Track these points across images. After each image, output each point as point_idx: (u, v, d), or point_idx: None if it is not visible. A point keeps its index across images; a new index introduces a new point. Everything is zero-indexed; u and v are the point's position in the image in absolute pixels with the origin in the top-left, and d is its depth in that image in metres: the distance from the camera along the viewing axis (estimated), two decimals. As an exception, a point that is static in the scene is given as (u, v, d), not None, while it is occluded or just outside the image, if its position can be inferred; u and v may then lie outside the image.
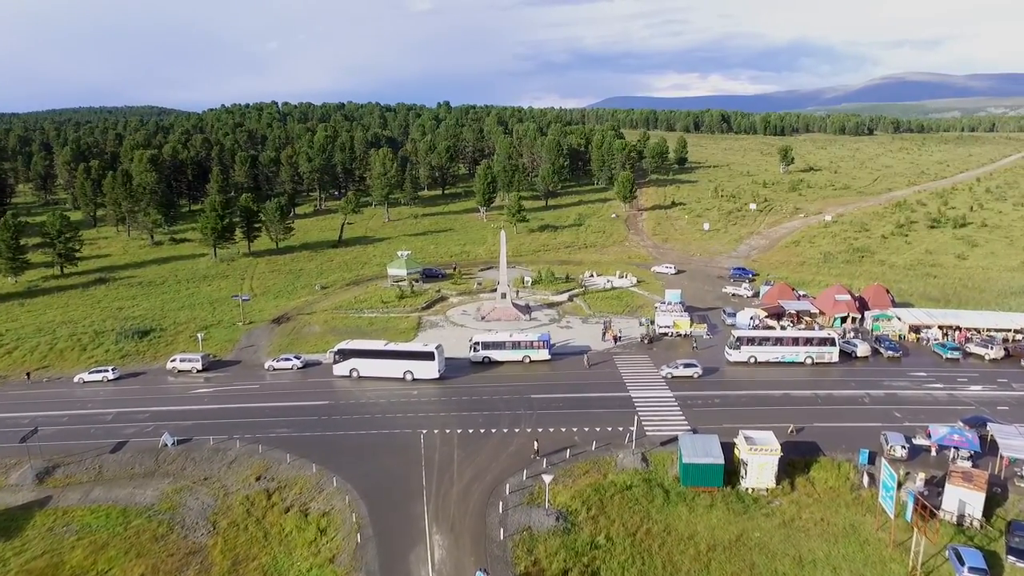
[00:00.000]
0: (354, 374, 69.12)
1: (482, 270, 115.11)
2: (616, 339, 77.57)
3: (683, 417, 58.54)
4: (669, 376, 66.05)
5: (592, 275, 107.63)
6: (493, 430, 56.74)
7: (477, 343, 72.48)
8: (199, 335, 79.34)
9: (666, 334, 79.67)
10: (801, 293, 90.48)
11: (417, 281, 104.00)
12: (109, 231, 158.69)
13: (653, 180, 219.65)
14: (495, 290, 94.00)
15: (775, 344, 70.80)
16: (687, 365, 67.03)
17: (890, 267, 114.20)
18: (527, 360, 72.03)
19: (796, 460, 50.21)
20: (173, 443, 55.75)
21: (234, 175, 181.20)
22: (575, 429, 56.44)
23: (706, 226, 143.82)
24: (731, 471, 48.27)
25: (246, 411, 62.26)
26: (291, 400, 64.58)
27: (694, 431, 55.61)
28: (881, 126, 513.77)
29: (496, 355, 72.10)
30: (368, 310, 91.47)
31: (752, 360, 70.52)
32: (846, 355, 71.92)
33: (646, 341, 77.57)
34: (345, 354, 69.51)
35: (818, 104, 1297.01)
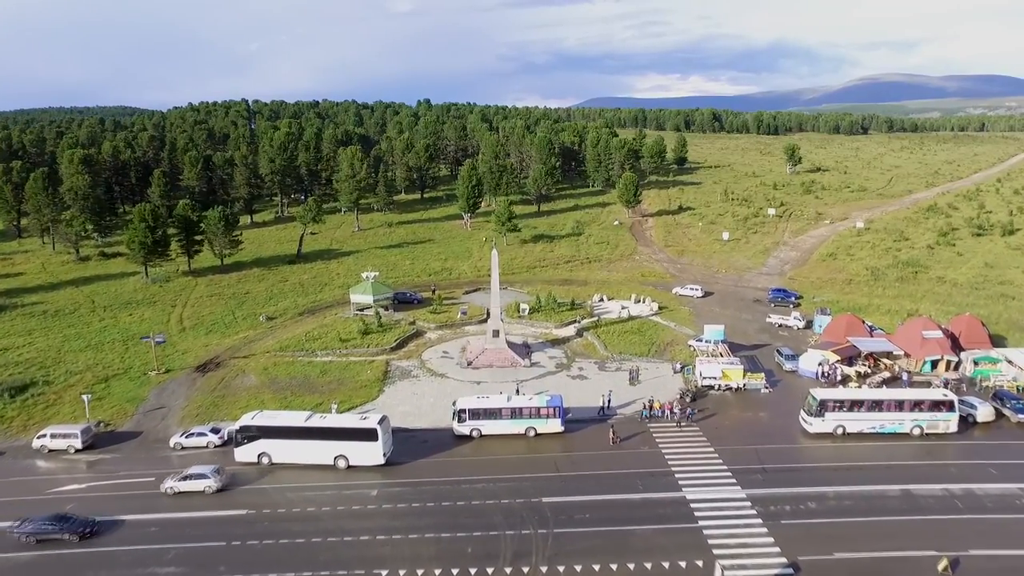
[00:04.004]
0: (264, 460, 49.10)
1: (467, 292, 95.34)
2: (681, 420, 54.03)
3: (771, 539, 39.35)
4: (171, 491, 45.43)
5: (602, 299, 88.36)
6: (490, 569, 37.15)
7: (463, 411, 52.70)
8: (85, 397, 58.61)
9: (712, 387, 60.59)
10: (869, 325, 71.81)
11: (386, 309, 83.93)
12: (33, 243, 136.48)
13: (653, 182, 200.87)
14: (484, 320, 74.71)
15: (872, 409, 51.94)
16: (196, 476, 45.63)
17: (952, 285, 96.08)
18: (532, 433, 52.54)
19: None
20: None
21: (184, 178, 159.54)
22: (614, 566, 37.07)
23: (726, 236, 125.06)
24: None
25: (120, 532, 42.01)
26: (193, 508, 44.36)
27: (795, 569, 36.64)
28: (875, 125, 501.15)
29: (489, 427, 52.48)
30: (321, 352, 71.30)
31: (840, 431, 51.66)
32: (962, 419, 53.38)
33: (688, 399, 58.24)
34: (251, 433, 49.16)
35: (799, 105, 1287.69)
